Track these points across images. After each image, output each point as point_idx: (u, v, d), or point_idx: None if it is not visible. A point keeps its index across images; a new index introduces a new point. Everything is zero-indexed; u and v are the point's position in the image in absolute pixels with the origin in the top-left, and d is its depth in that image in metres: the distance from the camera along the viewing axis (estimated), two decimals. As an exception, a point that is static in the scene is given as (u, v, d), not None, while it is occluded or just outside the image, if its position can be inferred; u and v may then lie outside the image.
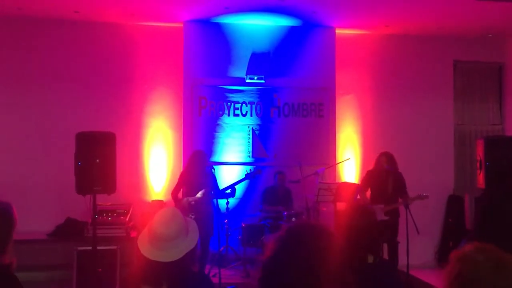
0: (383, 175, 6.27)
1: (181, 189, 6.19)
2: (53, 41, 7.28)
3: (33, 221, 6.45)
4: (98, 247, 5.53)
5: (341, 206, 6.47)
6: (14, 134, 7.11)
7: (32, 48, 7.23)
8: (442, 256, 7.82)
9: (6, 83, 7.16)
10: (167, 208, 2.42)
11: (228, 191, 6.26)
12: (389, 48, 8.01)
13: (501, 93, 8.48)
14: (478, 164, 6.52)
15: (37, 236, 6.49)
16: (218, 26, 7.46)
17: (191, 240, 2.25)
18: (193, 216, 5.47)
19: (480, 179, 6.43)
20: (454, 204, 7.89)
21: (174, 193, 6.15)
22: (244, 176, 6.44)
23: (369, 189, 6.43)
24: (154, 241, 2.19)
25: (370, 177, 6.39)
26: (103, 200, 6.12)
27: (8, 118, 7.14)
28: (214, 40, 7.46)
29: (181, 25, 7.39)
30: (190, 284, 2.28)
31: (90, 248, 5.54)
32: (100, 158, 5.09)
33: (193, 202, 5.89)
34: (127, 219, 6.62)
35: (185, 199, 5.98)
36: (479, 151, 6.51)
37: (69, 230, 6.64)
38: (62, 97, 7.22)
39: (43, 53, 7.25)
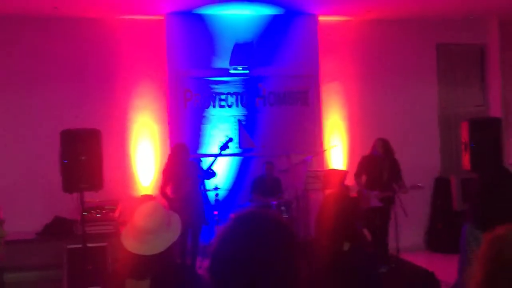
0: (379, 161, 6.28)
1: (168, 184, 6.15)
2: (33, 39, 7.17)
3: (21, 221, 6.37)
4: (88, 244, 5.51)
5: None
6: (-3, 134, 7.01)
7: (11, 46, 7.11)
8: (431, 238, 7.92)
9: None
10: (149, 202, 2.45)
11: (210, 170, 6.30)
12: (372, 33, 8.01)
13: (483, 74, 8.56)
14: (463, 146, 6.59)
15: (26, 236, 6.44)
16: (200, 17, 7.40)
17: (173, 233, 2.28)
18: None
19: (466, 161, 6.51)
20: (441, 186, 7.97)
21: (162, 189, 6.12)
22: (219, 151, 6.45)
23: (364, 175, 6.43)
24: (136, 234, 2.22)
25: (366, 162, 6.38)
26: (91, 197, 6.08)
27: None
28: (197, 31, 7.41)
29: (163, 17, 7.32)
30: (174, 277, 2.30)
31: (80, 246, 5.52)
32: (85, 155, 5.06)
33: None
34: (116, 215, 6.60)
35: None
36: (464, 133, 6.58)
37: (58, 228, 6.59)
38: (44, 95, 7.12)
39: (23, 51, 7.13)
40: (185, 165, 6.04)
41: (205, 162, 6.97)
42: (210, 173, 6.28)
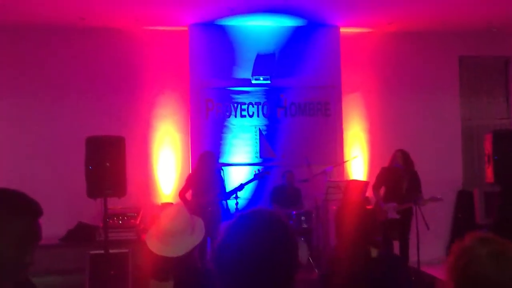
0: (398, 173, 6.22)
1: (189, 190, 6.24)
2: (60, 49, 7.36)
3: (45, 226, 6.46)
4: (110, 251, 5.58)
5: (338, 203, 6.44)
6: (25, 140, 7.18)
7: (41, 55, 7.31)
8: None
9: (17, 90, 7.25)
10: (174, 205, 2.51)
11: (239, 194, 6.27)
12: (393, 45, 8.02)
13: (507, 87, 8.47)
14: (486, 159, 6.51)
15: (49, 241, 6.54)
16: (223, 28, 7.51)
17: (196, 237, 2.33)
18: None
19: (489, 174, 6.42)
20: (463, 199, 7.87)
21: (182, 193, 6.20)
22: (252, 177, 6.47)
23: (383, 187, 6.39)
24: (161, 236, 2.27)
25: (385, 174, 6.33)
26: (113, 204, 6.17)
27: (19, 125, 7.22)
28: (219, 42, 7.51)
29: (186, 28, 7.45)
30: (196, 280, 2.35)
31: (102, 251, 5.59)
32: (110, 161, 5.14)
33: None
34: (137, 222, 6.67)
35: None
36: (487, 146, 6.50)
37: (80, 234, 6.69)
38: (71, 103, 7.30)
39: (52, 60, 7.33)
40: (210, 174, 6.10)
41: (226, 171, 7.04)
42: (239, 190, 6.25)
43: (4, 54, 7.25)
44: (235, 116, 7.45)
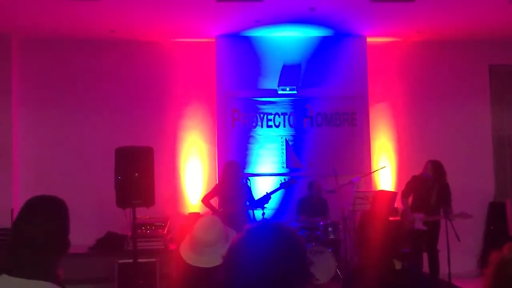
0: (427, 183, 6.14)
1: (213, 198, 6.31)
2: (91, 60, 7.53)
3: (75, 235, 6.57)
4: (138, 260, 5.63)
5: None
6: (55, 151, 7.35)
7: (71, 68, 7.50)
8: (485, 264, 7.59)
9: (47, 101, 7.43)
10: (208, 216, 2.52)
11: (266, 204, 6.26)
12: (421, 54, 7.93)
13: (540, 95, 8.26)
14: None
15: (79, 250, 6.64)
16: (249, 39, 7.56)
17: None
18: None
19: (522, 184, 6.26)
20: (495, 211, 7.68)
21: (206, 199, 6.24)
22: (278, 186, 6.46)
23: (411, 196, 6.30)
24: (194, 246, 2.28)
25: (415, 183, 6.26)
26: (141, 213, 6.24)
27: (49, 136, 7.39)
28: (246, 53, 7.56)
29: (213, 40, 7.53)
30: None
31: (130, 261, 5.64)
32: (139, 172, 5.20)
33: None
34: (165, 232, 6.73)
35: None
36: (520, 156, 6.34)
37: (109, 243, 6.77)
38: (101, 114, 7.44)
39: (82, 72, 7.50)
40: (236, 183, 6.13)
41: (253, 182, 7.05)
42: (266, 199, 6.25)
43: (35, 66, 7.45)
44: (261, 127, 7.47)
